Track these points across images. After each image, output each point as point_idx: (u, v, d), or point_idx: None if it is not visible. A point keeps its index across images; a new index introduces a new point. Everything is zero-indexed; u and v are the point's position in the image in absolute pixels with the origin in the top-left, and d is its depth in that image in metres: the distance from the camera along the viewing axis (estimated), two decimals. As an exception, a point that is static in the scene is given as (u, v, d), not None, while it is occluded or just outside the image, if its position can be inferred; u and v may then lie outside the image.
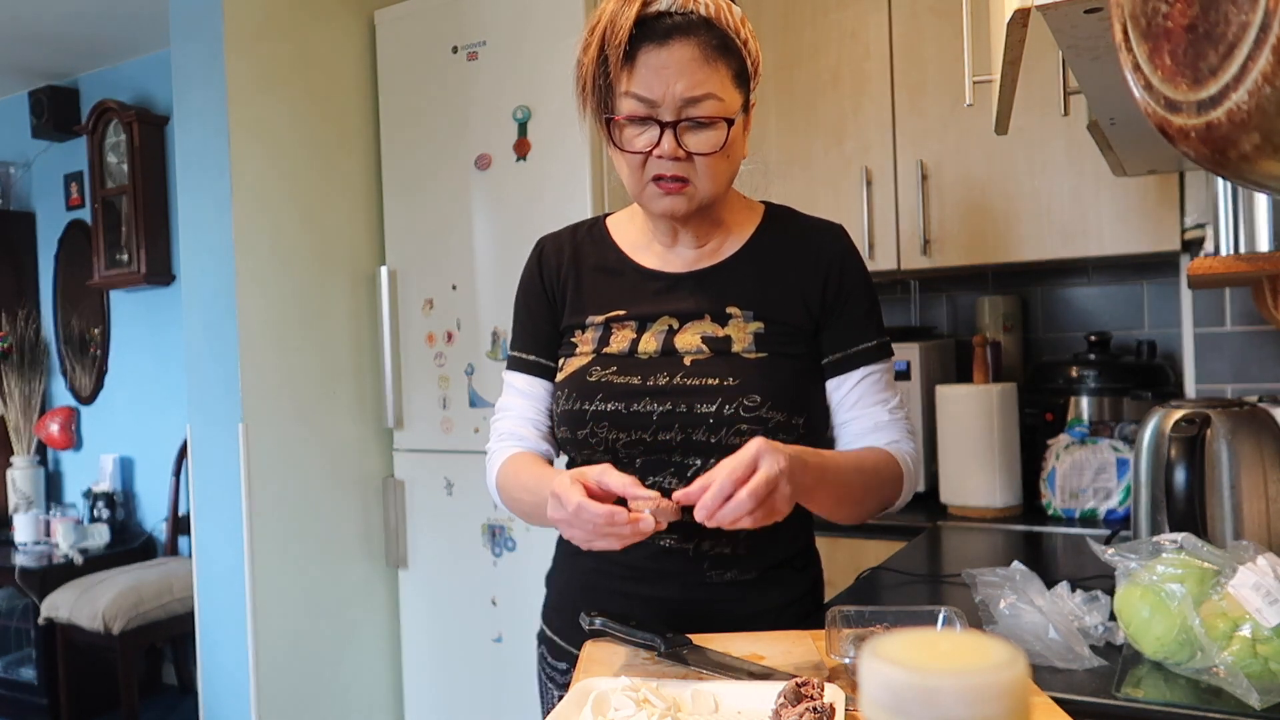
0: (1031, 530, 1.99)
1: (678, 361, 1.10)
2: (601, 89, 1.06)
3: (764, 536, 1.12)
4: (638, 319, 1.14)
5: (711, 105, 1.03)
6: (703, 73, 1.02)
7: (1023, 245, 2.12)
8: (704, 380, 1.08)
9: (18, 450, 3.91)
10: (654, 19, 1.03)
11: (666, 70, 1.02)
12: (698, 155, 1.04)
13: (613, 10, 1.03)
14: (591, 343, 1.14)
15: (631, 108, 1.04)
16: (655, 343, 1.12)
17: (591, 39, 1.05)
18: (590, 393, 1.10)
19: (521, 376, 1.21)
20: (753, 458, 0.90)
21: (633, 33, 1.02)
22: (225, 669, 2.35)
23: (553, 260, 1.20)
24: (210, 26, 2.30)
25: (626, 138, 1.06)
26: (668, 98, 1.02)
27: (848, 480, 1.05)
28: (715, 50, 1.03)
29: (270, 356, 2.37)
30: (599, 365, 1.12)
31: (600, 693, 0.84)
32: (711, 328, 1.11)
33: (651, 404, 1.08)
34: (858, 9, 2.27)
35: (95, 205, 3.62)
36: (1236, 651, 0.99)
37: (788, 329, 1.12)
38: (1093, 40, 0.90)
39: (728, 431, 1.06)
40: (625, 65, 1.03)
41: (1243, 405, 1.37)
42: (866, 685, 0.33)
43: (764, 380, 1.08)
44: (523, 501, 1.13)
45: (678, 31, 1.02)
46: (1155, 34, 0.38)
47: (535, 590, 1.28)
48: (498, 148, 2.38)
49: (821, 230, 1.17)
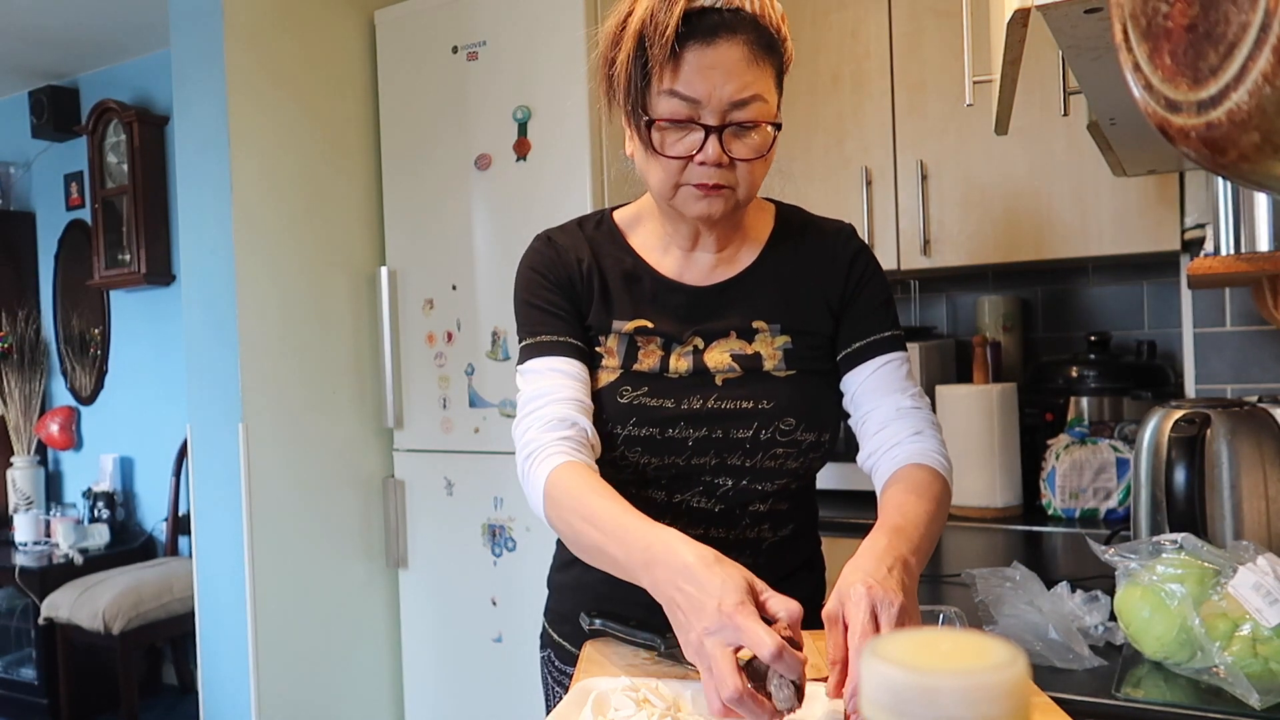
0: (1031, 530, 1.99)
1: (709, 382, 1.07)
2: (639, 88, 0.98)
3: (783, 544, 1.12)
4: (663, 335, 1.09)
5: (757, 108, 0.97)
6: (750, 74, 0.96)
7: (1023, 245, 2.12)
8: (738, 404, 1.05)
9: (18, 450, 3.92)
10: (698, 14, 0.95)
11: (714, 71, 0.95)
12: (741, 161, 0.99)
13: (652, 3, 0.96)
14: (618, 356, 1.09)
15: (672, 108, 0.97)
16: (686, 362, 1.08)
17: (624, 34, 0.98)
18: (623, 416, 1.06)
19: (554, 358, 1.07)
20: (869, 615, 0.84)
21: (679, 29, 0.94)
22: (225, 669, 2.35)
23: (572, 254, 1.12)
24: (210, 27, 2.29)
25: (666, 142, 0.99)
26: (714, 100, 0.96)
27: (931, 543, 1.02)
28: (762, 50, 0.97)
29: (270, 356, 2.37)
30: (629, 385, 1.07)
31: (600, 693, 0.84)
32: (739, 344, 1.08)
33: (686, 429, 1.05)
34: (858, 9, 2.27)
35: (95, 205, 3.62)
36: (1236, 651, 0.99)
37: (815, 339, 1.10)
38: (1093, 40, 0.90)
39: (763, 456, 1.05)
40: (669, 62, 0.95)
41: (1243, 405, 1.36)
42: (866, 685, 0.33)
43: (796, 401, 1.06)
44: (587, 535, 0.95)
45: (725, 29, 0.95)
46: (1155, 34, 0.38)
47: (535, 590, 1.28)
48: (498, 148, 2.38)
49: (835, 232, 1.14)
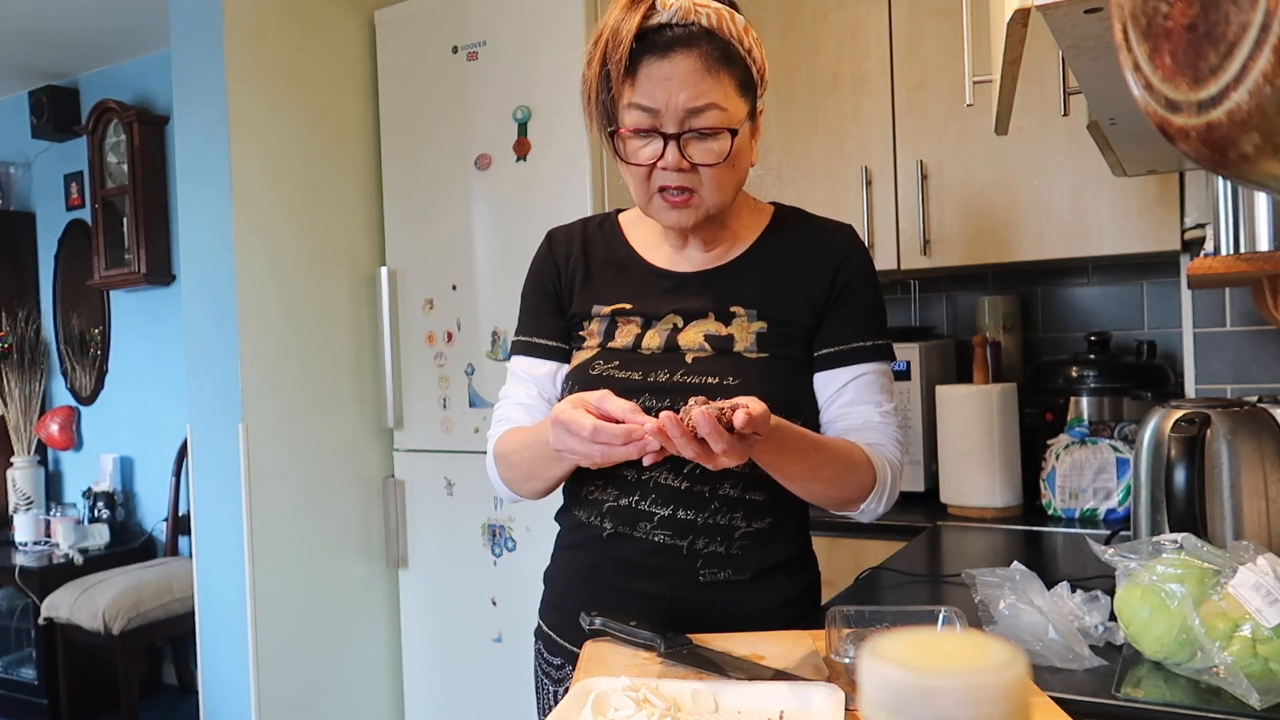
0: (1031, 530, 1.99)
1: (679, 359, 1.11)
2: (605, 102, 1.06)
3: (759, 538, 1.12)
4: (643, 315, 1.14)
5: (714, 116, 1.03)
6: (705, 83, 1.02)
7: (1023, 245, 2.12)
8: (704, 379, 1.08)
9: (18, 450, 3.92)
10: (655, 31, 1.03)
11: (669, 81, 1.02)
12: (702, 166, 1.05)
13: (613, 23, 1.03)
14: (598, 335, 1.16)
15: (635, 119, 1.04)
16: (659, 339, 1.12)
17: (594, 52, 1.06)
18: (591, 386, 1.11)
19: (523, 360, 1.21)
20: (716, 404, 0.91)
21: (634, 45, 1.02)
22: (225, 669, 2.36)
23: (562, 249, 1.21)
24: (210, 26, 2.30)
25: (631, 150, 1.07)
26: (670, 108, 1.02)
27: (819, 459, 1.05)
28: (718, 60, 1.03)
29: (270, 356, 2.37)
30: (602, 359, 1.13)
31: (600, 693, 0.84)
32: (715, 326, 1.12)
33: (651, 400, 1.09)
34: (858, 9, 2.27)
35: (95, 205, 3.62)
36: (1236, 651, 0.99)
37: (791, 329, 1.12)
38: (1093, 40, 0.90)
39: None
40: (627, 77, 1.03)
41: (1243, 405, 1.36)
42: (866, 685, 0.33)
43: (764, 380, 1.08)
44: (521, 456, 1.14)
45: (679, 43, 1.02)
46: (1155, 34, 0.38)
47: (535, 590, 1.28)
48: (498, 148, 2.38)
49: (831, 230, 1.17)
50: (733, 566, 1.11)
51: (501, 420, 1.22)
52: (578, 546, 1.18)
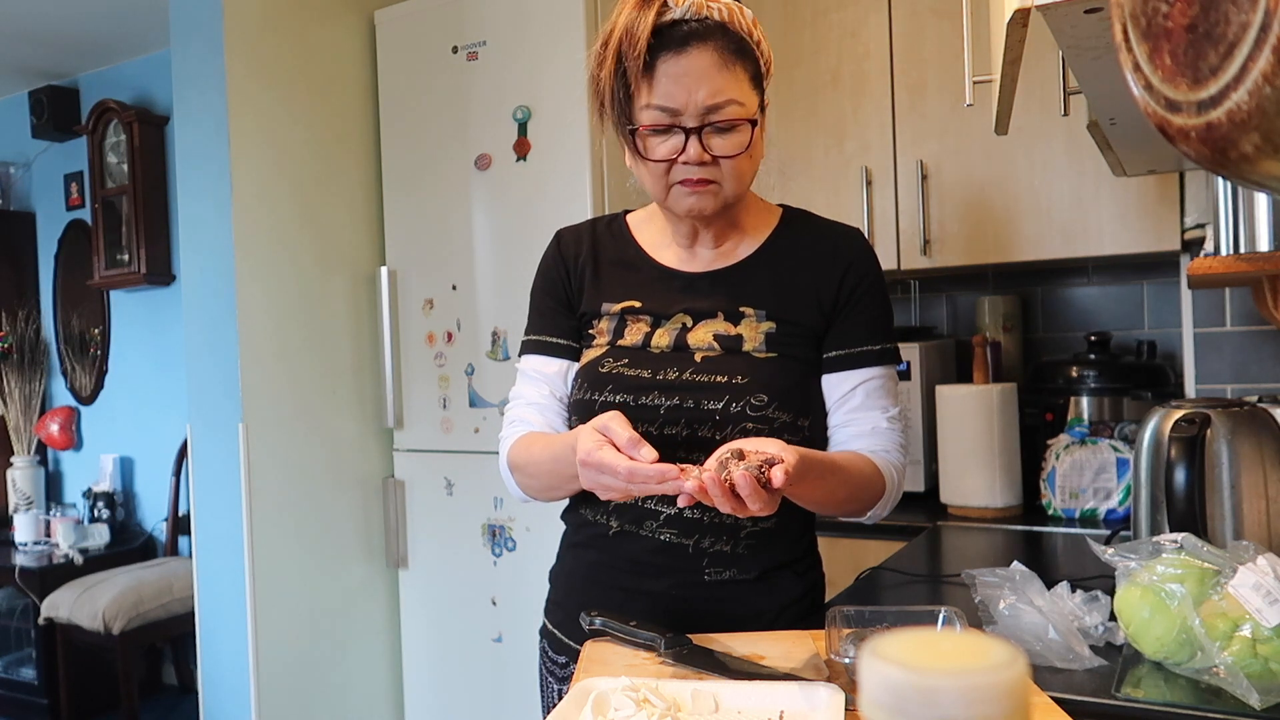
0: (1031, 530, 1.99)
1: (688, 357, 1.11)
2: (621, 101, 1.06)
3: (765, 537, 1.12)
4: (652, 314, 1.15)
5: (733, 109, 1.04)
6: (722, 78, 1.03)
7: (1023, 245, 2.12)
8: (713, 377, 1.09)
9: (18, 450, 3.92)
10: (669, 27, 1.03)
11: (687, 78, 1.02)
12: (723, 158, 1.05)
13: (627, 21, 1.03)
14: (607, 334, 1.16)
15: (654, 117, 1.04)
16: (668, 338, 1.13)
17: (606, 51, 1.06)
18: (600, 383, 1.12)
19: (534, 358, 1.21)
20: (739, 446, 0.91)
21: (650, 42, 1.02)
22: (225, 669, 2.35)
23: (571, 249, 1.21)
24: (210, 26, 2.29)
25: (650, 146, 1.06)
26: (690, 105, 1.03)
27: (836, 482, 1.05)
28: (733, 54, 1.04)
29: (270, 356, 2.37)
30: (611, 357, 1.13)
31: (600, 693, 0.84)
32: (724, 326, 1.12)
33: (659, 398, 1.09)
34: (858, 9, 2.27)
35: (95, 205, 3.62)
36: (1236, 651, 0.99)
37: (800, 330, 1.12)
38: (1093, 40, 0.90)
39: (733, 429, 1.07)
40: (645, 75, 1.03)
41: (1243, 405, 1.36)
42: (866, 685, 0.33)
43: (772, 380, 1.08)
44: (540, 469, 1.12)
45: (695, 38, 1.03)
46: (1155, 34, 0.38)
47: (535, 590, 1.28)
48: (498, 148, 2.38)
49: (841, 233, 1.18)
50: (738, 566, 1.11)
51: (514, 421, 1.21)
52: (584, 545, 1.18)
